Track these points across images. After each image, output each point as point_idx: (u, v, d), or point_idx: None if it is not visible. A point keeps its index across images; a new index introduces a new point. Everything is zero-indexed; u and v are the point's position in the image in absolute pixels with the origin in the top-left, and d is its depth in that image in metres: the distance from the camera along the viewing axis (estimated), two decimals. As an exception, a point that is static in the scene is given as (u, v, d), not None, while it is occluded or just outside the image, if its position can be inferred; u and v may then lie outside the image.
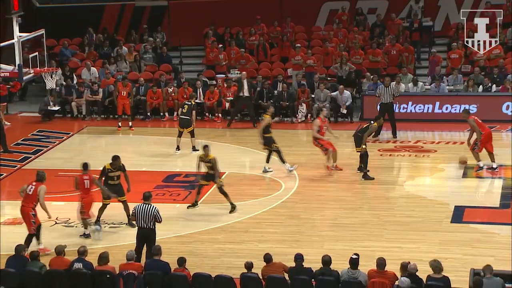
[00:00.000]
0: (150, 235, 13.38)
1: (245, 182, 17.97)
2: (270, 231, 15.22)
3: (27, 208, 14.12)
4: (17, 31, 16.79)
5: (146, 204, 13.47)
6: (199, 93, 23.27)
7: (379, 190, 17.63)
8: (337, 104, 22.84)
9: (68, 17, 26.70)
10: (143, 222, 13.35)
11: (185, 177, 18.35)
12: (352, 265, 11.67)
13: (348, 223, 15.59)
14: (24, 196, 14.18)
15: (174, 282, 11.86)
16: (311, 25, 26.99)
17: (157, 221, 13.44)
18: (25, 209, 14.14)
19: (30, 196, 14.12)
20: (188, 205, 16.42)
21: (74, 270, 12.03)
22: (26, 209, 14.13)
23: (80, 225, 15.56)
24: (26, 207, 14.13)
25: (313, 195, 17.19)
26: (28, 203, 14.12)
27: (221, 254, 14.22)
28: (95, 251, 13.23)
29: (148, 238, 13.36)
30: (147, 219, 13.33)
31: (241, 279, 11.82)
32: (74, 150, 20.24)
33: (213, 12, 26.78)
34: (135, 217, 13.49)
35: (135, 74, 24.85)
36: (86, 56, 25.87)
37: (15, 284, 11.89)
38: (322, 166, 18.91)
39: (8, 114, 23.43)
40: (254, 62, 25.12)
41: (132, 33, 26.79)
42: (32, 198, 14.12)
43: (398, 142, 20.85)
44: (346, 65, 24.16)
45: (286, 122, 22.92)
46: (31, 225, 14.07)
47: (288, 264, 12.11)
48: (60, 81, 23.51)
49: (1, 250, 13.60)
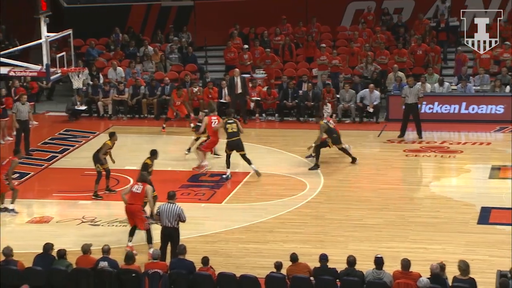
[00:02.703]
0: (174, 234, 13.45)
1: (269, 182, 17.98)
2: (295, 231, 15.23)
3: (137, 206, 14.28)
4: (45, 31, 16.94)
5: (171, 203, 13.53)
6: (224, 93, 23.32)
7: (404, 190, 17.57)
8: (363, 104, 22.75)
9: (95, 17, 26.87)
10: (167, 221, 13.42)
11: (210, 177, 18.41)
12: (377, 265, 11.65)
13: (373, 223, 15.55)
14: (130, 195, 14.32)
15: (199, 281, 11.91)
16: (336, 25, 26.95)
17: (181, 220, 13.50)
18: (135, 207, 14.27)
19: (139, 194, 14.28)
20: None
21: (100, 269, 12.12)
22: (136, 207, 14.28)
23: (106, 224, 15.68)
24: (135, 205, 14.28)
25: (338, 195, 17.16)
26: (137, 201, 14.28)
27: (246, 254, 14.25)
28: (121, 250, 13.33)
29: (172, 237, 13.43)
30: (171, 218, 13.40)
31: (266, 278, 11.83)
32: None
33: (238, 12, 26.82)
34: (159, 216, 13.55)
35: (161, 74, 24.97)
36: (112, 56, 26.03)
37: (42, 282, 12.00)
38: (347, 166, 18.90)
39: (36, 113, 23.63)
40: (279, 62, 25.13)
41: (158, 33, 26.92)
42: (141, 197, 14.29)
43: (424, 142, 20.74)
44: (371, 65, 24.10)
45: (311, 122, 22.89)
46: (144, 220, 14.22)
47: (313, 265, 12.11)
48: (86, 81, 23.67)
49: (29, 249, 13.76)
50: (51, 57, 16.78)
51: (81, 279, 12.02)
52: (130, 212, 14.35)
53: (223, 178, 18.05)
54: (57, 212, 16.61)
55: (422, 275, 11.42)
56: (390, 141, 20.93)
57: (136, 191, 14.32)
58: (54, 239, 13.30)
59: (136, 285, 11.96)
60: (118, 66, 25.00)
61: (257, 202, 16.84)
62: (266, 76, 24.46)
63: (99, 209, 16.57)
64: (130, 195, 14.38)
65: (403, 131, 21.03)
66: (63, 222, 15.97)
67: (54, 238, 13.86)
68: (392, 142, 20.86)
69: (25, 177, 18.46)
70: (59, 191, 17.65)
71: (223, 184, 17.88)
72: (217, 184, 17.92)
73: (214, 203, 16.90)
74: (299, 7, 26.61)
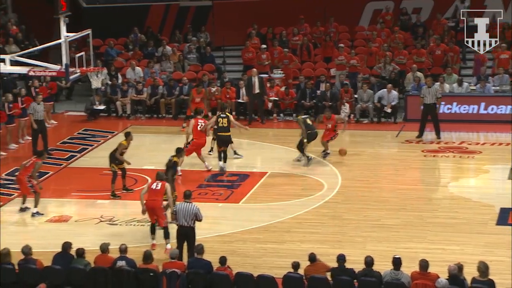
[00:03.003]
0: (190, 234, 13.48)
1: (287, 182, 17.98)
2: (312, 231, 15.22)
3: (158, 202, 14.46)
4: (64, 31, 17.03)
5: (187, 203, 13.57)
6: (242, 93, 23.34)
7: (423, 191, 17.51)
8: (381, 104, 22.70)
9: (114, 17, 26.99)
10: (184, 220, 13.45)
11: (227, 176, 18.43)
12: (395, 266, 11.61)
13: (391, 224, 15.50)
14: (150, 192, 14.50)
15: (217, 281, 11.92)
16: (354, 25, 26.90)
17: (198, 219, 13.53)
18: (156, 203, 14.44)
19: (159, 190, 14.47)
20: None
21: (118, 268, 12.17)
22: (157, 203, 14.45)
23: (124, 223, 15.74)
24: (156, 201, 14.45)
25: (356, 195, 17.13)
26: (157, 196, 14.46)
27: (263, 254, 14.26)
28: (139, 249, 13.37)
29: (189, 237, 13.46)
30: (188, 217, 13.43)
31: (284, 279, 11.83)
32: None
33: (256, 12, 26.82)
34: (176, 216, 13.58)
35: (179, 74, 25.03)
36: (131, 56, 26.13)
37: (61, 281, 12.07)
38: (365, 167, 18.86)
39: (55, 113, 23.77)
40: (297, 62, 25.12)
41: (176, 33, 27.00)
42: (161, 193, 14.47)
43: (442, 143, 20.65)
44: (389, 65, 24.03)
45: (329, 122, 22.84)
46: (164, 217, 14.44)
47: (330, 265, 12.09)
48: (105, 81, 23.75)
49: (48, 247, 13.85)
50: (70, 57, 16.86)
51: (99, 278, 12.07)
52: (151, 208, 14.47)
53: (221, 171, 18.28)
54: (75, 211, 16.70)
55: (440, 276, 11.37)
56: (408, 142, 20.86)
57: (156, 188, 14.49)
58: (72, 238, 13.35)
59: (154, 284, 12.00)
60: (137, 66, 25.09)
61: (274, 202, 16.85)
62: (284, 76, 24.46)
63: (117, 209, 16.64)
64: (149, 192, 14.52)
65: (421, 132, 20.95)
66: (81, 221, 16.06)
67: (73, 237, 13.88)
68: (410, 143, 20.79)
69: (44, 176, 18.56)
70: (78, 191, 17.74)
71: (240, 184, 17.89)
72: (235, 184, 17.94)
73: (232, 203, 16.92)
74: (317, 7, 26.58)
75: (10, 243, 13.46)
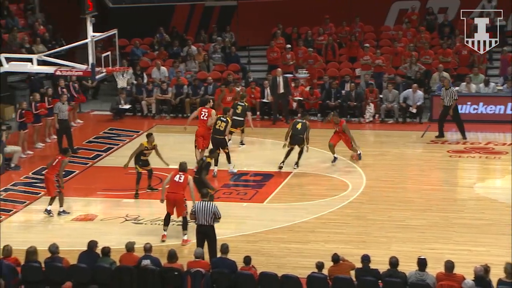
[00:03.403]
0: (210, 232, 13.51)
1: (312, 182, 17.96)
2: (337, 232, 15.19)
3: (180, 195, 14.71)
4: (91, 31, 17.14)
5: (205, 201, 13.60)
6: (266, 93, 23.35)
7: (448, 192, 17.40)
8: (406, 104, 22.59)
9: (139, 17, 27.13)
10: (203, 219, 13.47)
11: (252, 176, 18.46)
12: (420, 267, 11.56)
13: (416, 224, 15.43)
14: (173, 184, 14.73)
15: (241, 281, 11.94)
16: (380, 24, 26.81)
17: (217, 217, 13.56)
18: (179, 196, 14.70)
19: (181, 184, 14.69)
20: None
21: (143, 267, 12.23)
22: (180, 196, 14.70)
23: (149, 222, 15.81)
24: (178, 194, 14.71)
25: (381, 196, 17.07)
26: (179, 190, 14.70)
27: (287, 254, 14.26)
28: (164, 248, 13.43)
29: (208, 235, 13.49)
30: (207, 216, 13.46)
31: (308, 279, 11.83)
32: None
33: (281, 12, 26.82)
34: (195, 215, 13.60)
35: (204, 74, 25.11)
36: (156, 55, 26.26)
37: (86, 279, 12.15)
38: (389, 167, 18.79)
39: (81, 112, 23.94)
40: (322, 62, 25.09)
41: (201, 33, 27.08)
42: (183, 186, 14.70)
43: (468, 143, 20.52)
44: (415, 65, 23.91)
45: (353, 122, 22.80)
46: (184, 209, 14.67)
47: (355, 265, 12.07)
48: (131, 80, 23.92)
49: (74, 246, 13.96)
50: (96, 56, 16.97)
51: (124, 277, 12.13)
52: (173, 200, 14.67)
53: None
54: (101, 210, 16.81)
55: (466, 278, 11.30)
56: (434, 142, 20.76)
57: (179, 181, 14.65)
58: (98, 237, 13.43)
59: (179, 283, 12.04)
60: (162, 65, 25.20)
61: (298, 202, 16.84)
62: (309, 76, 24.43)
63: (142, 208, 16.73)
64: (172, 184, 14.70)
65: (441, 132, 20.84)
66: (107, 220, 16.17)
67: (98, 236, 13.98)
68: (435, 143, 20.68)
69: (70, 175, 18.71)
70: (104, 189, 17.86)
71: (265, 184, 17.90)
72: (259, 183, 17.96)
73: (256, 202, 16.94)
74: (343, 7, 26.53)
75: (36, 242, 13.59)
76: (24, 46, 24.22)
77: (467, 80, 22.64)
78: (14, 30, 24.93)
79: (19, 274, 12.34)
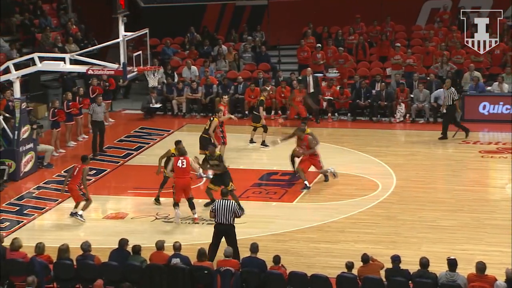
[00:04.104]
0: (229, 231, 13.52)
1: (341, 182, 17.90)
2: (367, 232, 15.15)
3: (188, 179, 15.56)
4: (123, 30, 17.30)
5: (225, 200, 13.62)
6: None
7: (480, 192, 17.25)
8: (437, 104, 22.41)
9: (170, 17, 27.25)
10: (223, 218, 13.48)
11: (281, 176, 18.46)
12: (450, 267, 11.48)
13: (447, 225, 15.33)
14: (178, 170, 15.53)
15: (270, 280, 11.96)
16: (411, 24, 26.65)
17: (237, 216, 13.57)
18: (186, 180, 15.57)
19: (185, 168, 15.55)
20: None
21: (173, 265, 12.30)
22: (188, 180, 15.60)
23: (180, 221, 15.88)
24: (186, 178, 15.56)
25: (411, 196, 16.98)
26: (186, 175, 15.55)
27: (317, 254, 14.25)
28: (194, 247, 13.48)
29: (228, 234, 13.50)
30: (227, 215, 13.47)
31: (337, 278, 11.81)
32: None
33: (312, 11, 26.79)
34: (214, 214, 13.60)
35: (234, 73, 25.16)
36: (187, 55, 26.37)
37: (117, 277, 12.25)
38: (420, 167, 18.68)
39: (112, 111, 24.12)
40: (352, 61, 25.01)
41: (232, 32, 27.14)
42: (188, 170, 15.61)
43: (501, 143, 20.34)
44: (447, 65, 23.73)
45: (384, 122, 22.70)
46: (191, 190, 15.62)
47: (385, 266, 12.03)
48: (162, 80, 24.04)
49: (106, 244, 14.09)
50: (127, 55, 17.11)
51: (154, 275, 12.22)
52: (182, 186, 15.54)
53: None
54: (132, 208, 16.92)
55: (498, 279, 11.21)
56: (465, 142, 20.60)
57: (182, 166, 15.51)
58: (129, 235, 13.57)
59: (209, 282, 12.10)
60: (193, 65, 25.30)
61: (328, 201, 16.81)
62: (339, 75, 24.37)
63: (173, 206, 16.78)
64: (177, 171, 15.54)
65: (444, 133, 20.70)
66: (137, 218, 16.27)
67: (129, 234, 14.14)
68: (467, 143, 20.52)
69: (101, 174, 18.87)
70: (134, 188, 17.98)
71: (294, 183, 17.89)
72: (289, 183, 17.96)
73: (286, 202, 16.94)
74: (374, 6, 26.41)
75: (68, 239, 13.76)
76: (57, 46, 24.48)
77: (500, 79, 22.43)
78: (47, 29, 25.21)
79: (51, 272, 12.50)
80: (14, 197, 17.56)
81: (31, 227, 15.95)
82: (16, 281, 12.49)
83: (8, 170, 18.29)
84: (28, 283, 11.50)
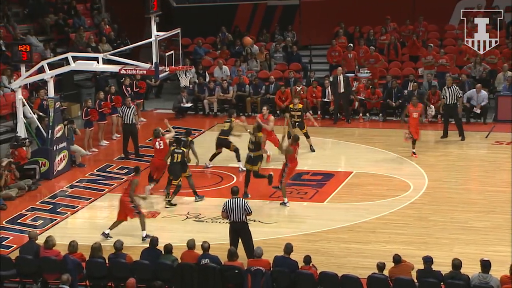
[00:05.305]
0: (243, 228, 13.56)
1: (372, 182, 17.85)
2: (398, 232, 15.08)
3: (162, 162, 16.37)
4: (155, 30, 17.41)
5: (236, 198, 13.61)
6: (327, 92, 23.27)
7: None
8: (470, 104, 22.23)
9: (202, 17, 27.36)
10: (236, 217, 13.50)
11: (312, 176, 18.44)
12: (483, 269, 11.39)
13: (480, 226, 15.21)
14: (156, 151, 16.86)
15: (301, 280, 11.97)
16: (444, 23, 26.45)
17: (248, 213, 13.57)
18: (161, 162, 16.45)
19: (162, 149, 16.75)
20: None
21: (204, 265, 12.35)
22: (162, 163, 16.41)
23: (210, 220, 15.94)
24: (160, 160, 16.48)
25: (443, 197, 16.87)
26: (161, 156, 16.56)
27: (348, 254, 14.22)
28: (225, 246, 13.54)
29: (242, 232, 13.54)
30: (239, 213, 13.49)
31: (368, 279, 11.78)
32: (206, 146, 20.75)
33: (343, 11, 26.72)
34: (226, 213, 13.60)
35: (265, 73, 25.18)
36: (218, 54, 26.44)
37: (149, 275, 12.34)
38: (452, 168, 18.54)
39: (144, 110, 24.27)
40: (383, 61, 24.89)
41: (264, 32, 27.17)
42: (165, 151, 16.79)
43: (534, 144, 20.14)
44: (480, 65, 23.52)
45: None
46: (162, 173, 16.46)
47: (416, 267, 11.96)
48: (193, 79, 24.14)
49: (136, 242, 14.17)
50: (159, 55, 17.20)
51: (185, 274, 12.29)
52: (157, 166, 17.02)
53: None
54: (163, 207, 17.00)
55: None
56: (499, 143, 20.41)
57: (160, 147, 16.89)
58: (160, 234, 13.67)
59: (239, 281, 12.14)
60: (224, 64, 25.37)
61: (359, 202, 16.77)
62: (371, 75, 24.28)
63: (204, 206, 16.87)
64: (155, 152, 16.96)
65: (445, 132, 20.52)
66: (168, 217, 16.36)
67: (160, 233, 14.24)
68: (500, 144, 20.33)
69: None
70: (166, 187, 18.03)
71: (325, 184, 17.88)
72: (320, 183, 17.94)
73: (316, 202, 16.93)
74: (406, 6, 26.27)
75: (100, 238, 13.89)
76: (90, 45, 24.71)
77: (533, 80, 22.19)
78: (80, 29, 25.45)
79: (84, 270, 12.63)
80: (47, 195, 17.75)
81: (64, 225, 16.12)
82: (50, 279, 12.66)
83: (40, 169, 18.48)
84: (62, 281, 11.63)
